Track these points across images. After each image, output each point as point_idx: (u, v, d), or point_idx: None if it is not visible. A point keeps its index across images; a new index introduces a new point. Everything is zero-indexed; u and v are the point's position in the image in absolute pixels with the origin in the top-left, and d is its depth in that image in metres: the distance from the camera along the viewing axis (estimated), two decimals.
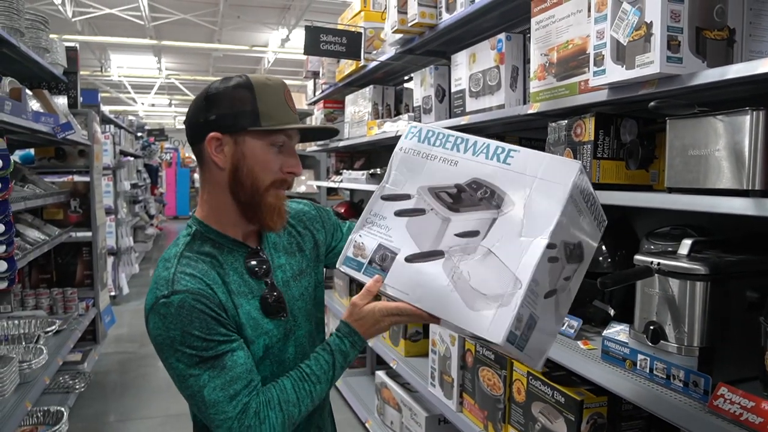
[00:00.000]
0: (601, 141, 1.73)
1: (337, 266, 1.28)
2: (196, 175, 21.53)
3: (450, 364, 2.31)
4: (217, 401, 1.11)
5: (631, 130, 1.77)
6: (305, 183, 6.56)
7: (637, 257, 1.42)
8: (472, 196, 1.13)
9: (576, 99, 1.78)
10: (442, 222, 1.14)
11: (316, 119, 4.91)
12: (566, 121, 1.85)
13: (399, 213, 1.20)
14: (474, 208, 1.12)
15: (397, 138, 3.29)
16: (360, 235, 1.23)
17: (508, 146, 1.16)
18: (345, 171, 4.39)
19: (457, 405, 2.28)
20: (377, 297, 1.21)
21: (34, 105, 3.43)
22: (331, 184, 4.53)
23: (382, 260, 1.18)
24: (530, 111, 2.00)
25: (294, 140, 1.27)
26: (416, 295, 1.12)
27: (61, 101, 4.11)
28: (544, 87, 1.95)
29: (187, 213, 19.37)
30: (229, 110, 1.21)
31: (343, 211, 4.46)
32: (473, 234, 1.10)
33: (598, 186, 1.72)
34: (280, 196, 1.26)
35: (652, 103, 1.37)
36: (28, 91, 3.29)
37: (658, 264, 1.36)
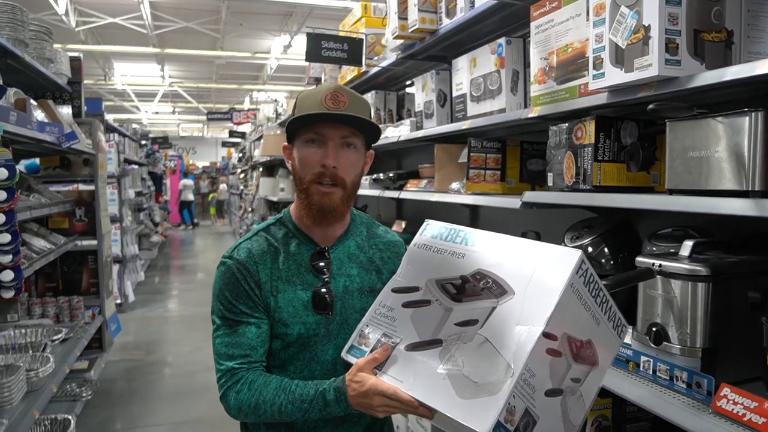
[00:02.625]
0: (601, 144, 1.74)
1: (341, 354, 1.27)
2: (202, 183, 21.27)
3: None
4: (219, 353, 1.34)
5: (631, 132, 1.77)
6: None
7: (639, 259, 1.43)
8: (475, 287, 1.15)
9: (576, 102, 1.80)
10: (444, 312, 1.15)
11: None
12: (567, 125, 1.86)
13: (405, 304, 1.23)
14: (476, 298, 1.13)
15: (399, 141, 3.33)
16: (367, 325, 1.26)
17: (511, 238, 1.20)
18: None
19: None
20: None
21: (39, 115, 3.46)
22: None
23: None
24: (531, 115, 2.01)
25: (331, 135, 1.31)
26: (410, 383, 1.10)
27: (66, 111, 4.14)
28: (544, 91, 1.96)
29: (191, 220, 19.42)
30: (288, 122, 1.38)
31: None
32: (472, 323, 1.10)
33: (599, 189, 1.73)
34: (321, 192, 1.32)
35: (650, 106, 1.37)
36: (32, 102, 3.32)
37: (660, 266, 1.36)
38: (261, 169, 9.40)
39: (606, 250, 1.81)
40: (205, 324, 6.42)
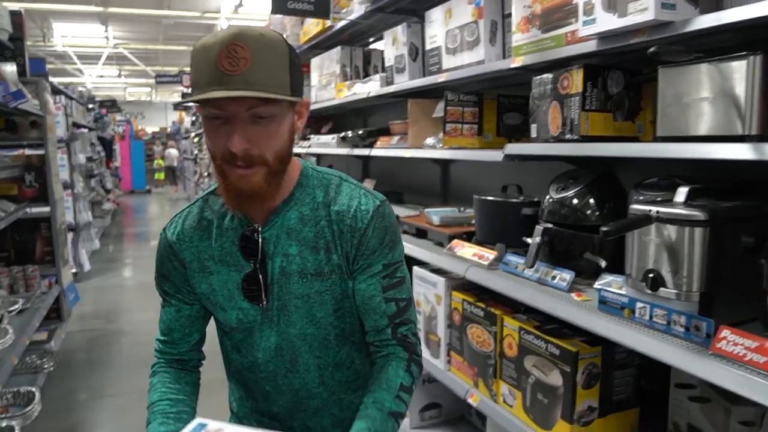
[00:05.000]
0: (589, 93, 1.71)
1: None
2: (156, 148, 20.78)
3: (436, 324, 2.31)
4: None
5: (617, 81, 1.75)
6: None
7: (634, 207, 1.42)
8: None
9: (563, 51, 1.76)
10: None
11: None
12: (552, 74, 1.82)
13: None
14: None
15: (367, 99, 3.24)
16: None
17: None
18: (313, 136, 4.31)
19: (444, 364, 2.28)
20: None
21: None
22: (300, 150, 4.44)
23: None
24: (513, 65, 1.97)
25: (234, 109, 1.05)
26: None
27: (10, 68, 3.88)
28: (527, 40, 1.92)
29: (144, 187, 18.91)
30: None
31: None
32: None
33: (586, 138, 1.71)
34: (238, 174, 1.09)
35: (651, 49, 1.35)
36: None
37: (657, 212, 1.35)
38: None
39: (591, 200, 1.81)
40: None
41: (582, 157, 1.88)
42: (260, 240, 1.20)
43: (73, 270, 6.18)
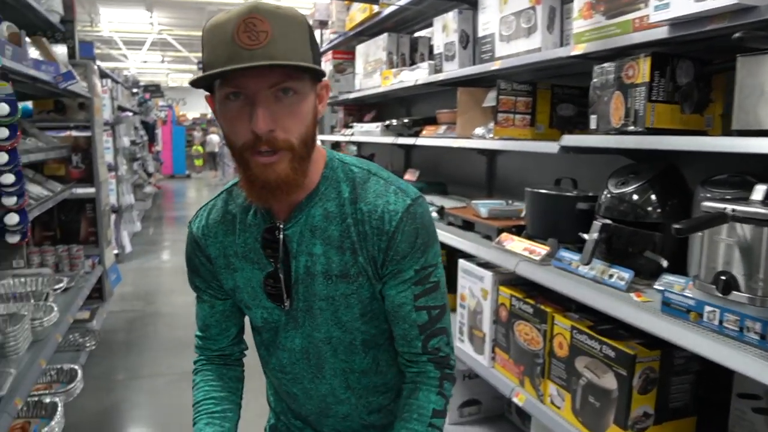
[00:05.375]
0: (656, 83, 1.62)
1: None
2: (196, 133, 21.05)
3: (481, 319, 2.25)
4: None
5: (687, 71, 1.65)
6: None
7: (707, 204, 1.33)
8: None
9: (629, 38, 1.66)
10: None
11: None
12: (615, 63, 1.73)
13: None
14: None
15: (412, 87, 3.18)
16: None
17: None
18: (356, 124, 4.27)
19: (489, 360, 2.22)
20: None
21: (33, 53, 3.27)
22: (342, 138, 4.41)
23: None
24: (574, 53, 1.88)
25: (256, 86, 0.96)
26: None
27: (61, 50, 3.93)
28: (590, 26, 1.83)
29: (184, 172, 19.20)
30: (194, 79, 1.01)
31: None
32: None
33: (651, 131, 1.63)
34: (261, 164, 0.99)
35: (737, 35, 1.25)
36: (26, 38, 3.12)
37: (733, 210, 1.26)
38: None
39: (653, 197, 1.71)
40: None
41: (642, 151, 1.80)
42: (282, 237, 1.11)
43: (115, 251, 6.29)
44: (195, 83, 0.99)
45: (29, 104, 4.47)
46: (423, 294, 1.12)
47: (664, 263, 1.64)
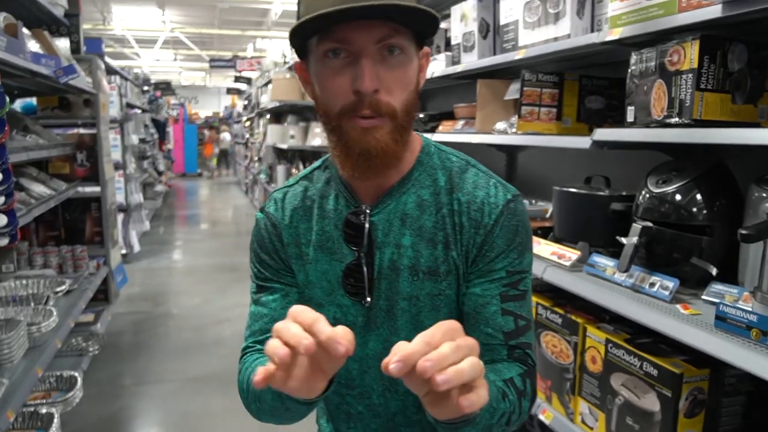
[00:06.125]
0: (705, 69, 1.45)
1: None
2: (206, 132, 21.00)
3: None
4: (249, 318, 1.09)
5: (740, 56, 1.48)
6: (321, 135, 6.28)
7: None
8: None
9: (674, 19, 1.49)
10: None
11: None
12: (656, 49, 1.56)
13: None
14: None
15: (428, 81, 3.02)
16: None
17: None
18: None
19: None
20: None
21: (34, 46, 3.14)
22: None
23: None
24: (609, 38, 1.71)
25: (361, 40, 0.86)
26: None
27: (63, 44, 3.81)
28: (628, 8, 1.65)
29: (195, 170, 19.15)
30: (291, 30, 0.91)
31: None
32: None
33: (700, 123, 1.45)
34: (361, 127, 0.89)
35: None
36: (25, 30, 2.99)
37: None
38: (268, 116, 9.07)
39: (699, 197, 1.54)
40: (213, 276, 6.25)
41: (685, 146, 1.62)
42: (367, 225, 0.99)
43: (123, 251, 6.19)
44: (293, 34, 0.89)
45: (33, 101, 4.36)
46: (512, 299, 0.98)
47: (713, 271, 1.47)
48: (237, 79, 14.73)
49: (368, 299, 1.01)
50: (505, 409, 0.88)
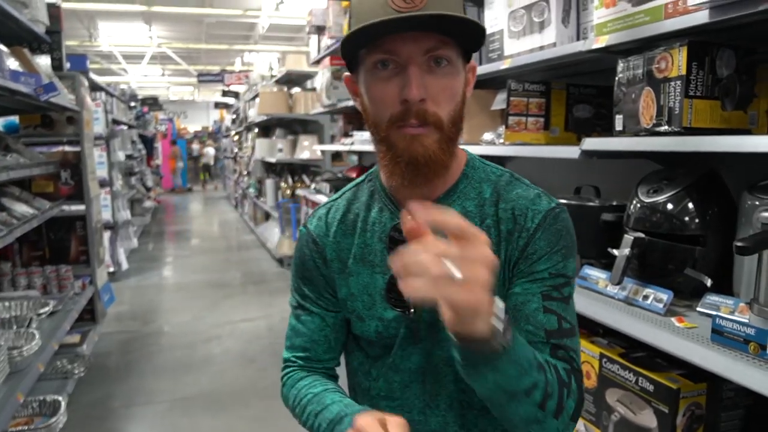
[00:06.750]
0: (694, 76, 1.42)
1: None
2: (195, 146, 21.00)
3: None
4: (287, 334, 1.15)
5: (728, 62, 1.45)
6: (309, 148, 6.24)
7: None
8: None
9: (661, 26, 1.46)
10: None
11: (322, 79, 4.56)
12: (643, 56, 1.53)
13: None
14: None
15: None
16: None
17: None
18: (356, 132, 4.08)
19: None
20: None
21: (12, 63, 3.08)
22: (341, 147, 4.22)
23: None
24: (595, 46, 1.68)
25: (409, 51, 0.88)
26: None
27: (44, 61, 3.75)
28: (614, 15, 1.63)
29: (185, 185, 19.06)
30: (342, 41, 0.93)
31: (355, 175, 4.16)
32: None
33: (689, 130, 1.42)
34: (409, 135, 0.90)
35: None
36: (3, 48, 2.94)
37: None
38: (256, 129, 9.03)
39: (691, 206, 1.51)
40: (204, 292, 6.17)
41: (675, 154, 1.59)
42: None
43: (111, 269, 6.10)
44: (344, 45, 0.92)
45: (16, 119, 4.29)
46: (554, 299, 0.95)
47: (708, 282, 1.43)
48: (225, 93, 14.70)
49: (412, 310, 1.00)
50: (539, 381, 0.83)
